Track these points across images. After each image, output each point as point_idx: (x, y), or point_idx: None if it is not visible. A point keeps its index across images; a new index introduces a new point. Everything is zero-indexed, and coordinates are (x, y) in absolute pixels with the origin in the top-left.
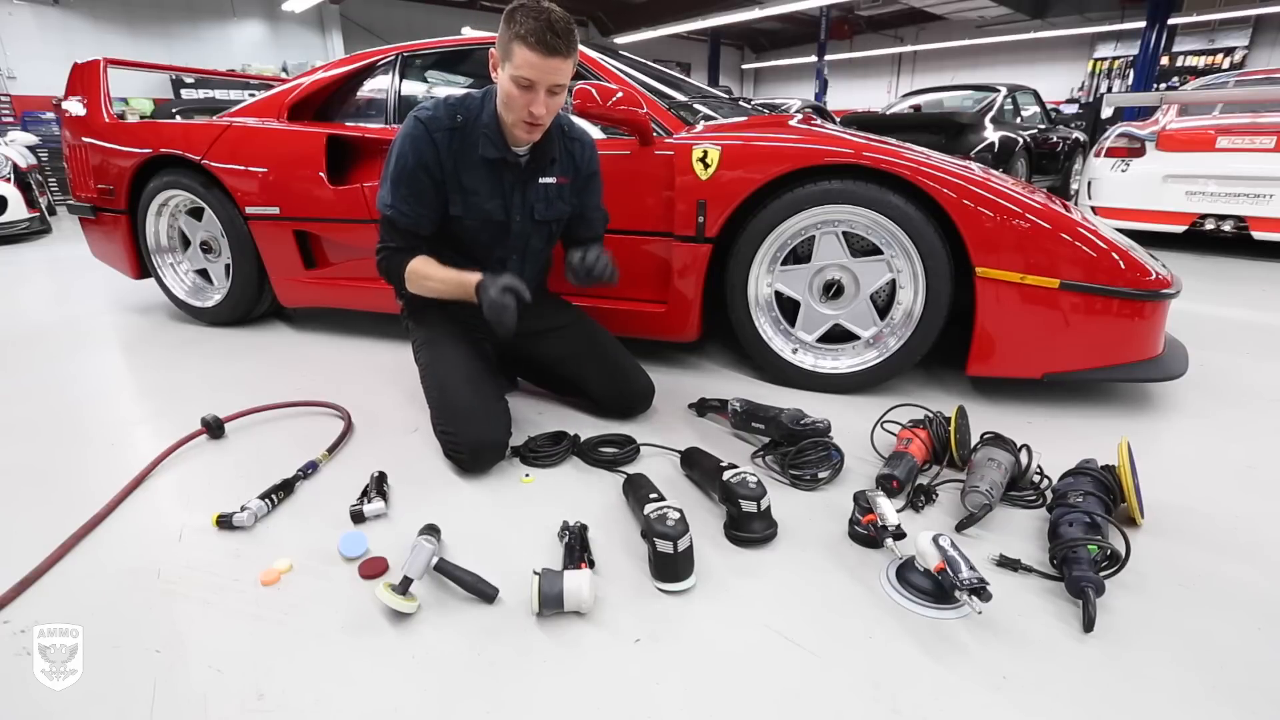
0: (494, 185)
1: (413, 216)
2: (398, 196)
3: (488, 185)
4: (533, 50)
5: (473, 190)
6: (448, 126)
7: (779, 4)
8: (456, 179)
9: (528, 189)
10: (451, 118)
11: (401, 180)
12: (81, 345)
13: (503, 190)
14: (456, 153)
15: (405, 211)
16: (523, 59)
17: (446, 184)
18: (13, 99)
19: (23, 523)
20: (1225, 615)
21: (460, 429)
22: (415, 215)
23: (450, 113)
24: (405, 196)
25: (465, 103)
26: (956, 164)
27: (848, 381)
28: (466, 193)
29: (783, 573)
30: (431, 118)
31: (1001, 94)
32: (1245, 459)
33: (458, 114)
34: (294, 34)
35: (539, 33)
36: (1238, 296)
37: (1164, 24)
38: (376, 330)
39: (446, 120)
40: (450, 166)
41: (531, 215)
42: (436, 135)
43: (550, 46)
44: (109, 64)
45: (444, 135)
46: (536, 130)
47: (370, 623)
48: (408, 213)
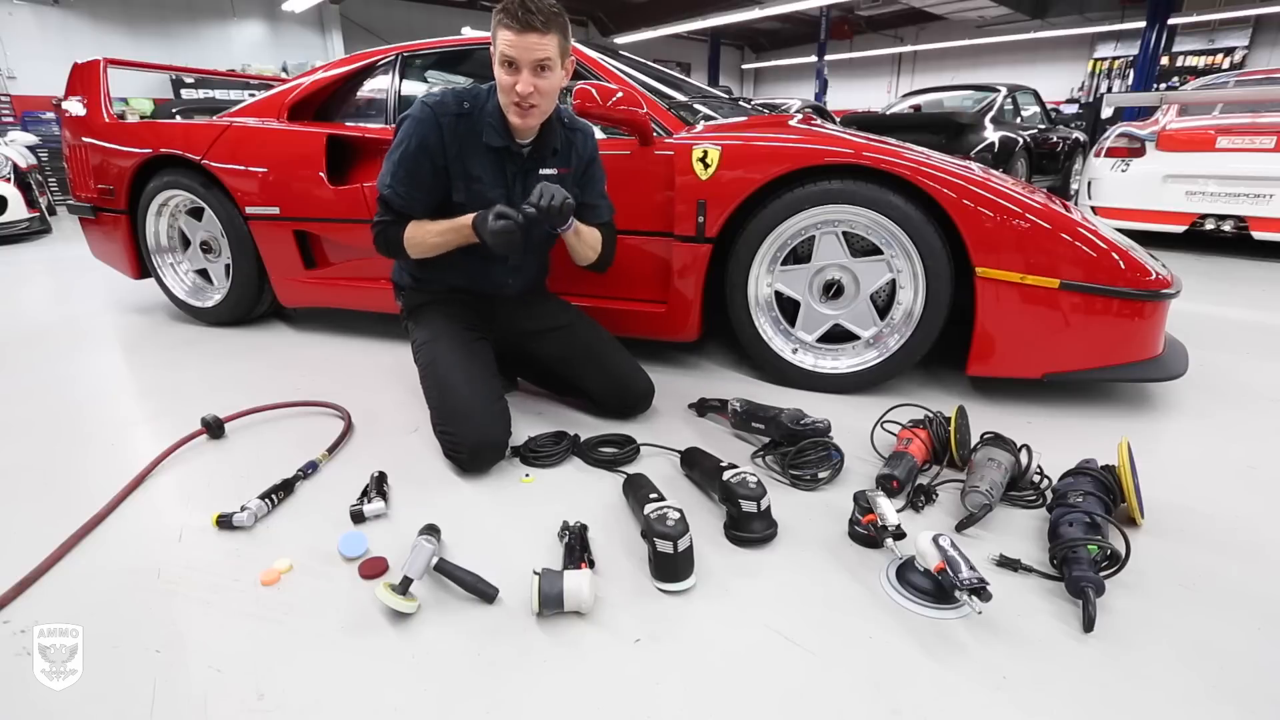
0: (497, 174)
1: (406, 198)
2: (395, 177)
3: (490, 173)
4: (508, 28)
5: (476, 177)
6: (454, 112)
7: (779, 4)
8: (461, 165)
9: (529, 179)
10: (459, 104)
11: (402, 161)
12: (81, 345)
13: (505, 179)
14: (462, 138)
15: (400, 192)
16: (502, 38)
17: (450, 169)
18: (13, 99)
19: (23, 523)
20: (1225, 615)
21: (460, 429)
22: (409, 197)
23: (458, 100)
24: (403, 178)
25: (473, 92)
26: (956, 164)
27: (848, 381)
28: (470, 179)
29: (783, 573)
30: (439, 103)
31: (1001, 94)
32: (1245, 459)
33: (465, 101)
34: (294, 34)
35: (514, 10)
36: (1238, 296)
37: (1164, 24)
38: (376, 330)
39: (454, 106)
40: (455, 152)
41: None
42: (443, 120)
43: (525, 22)
44: (109, 64)
45: (450, 120)
46: (530, 115)
47: (370, 623)
48: (402, 194)
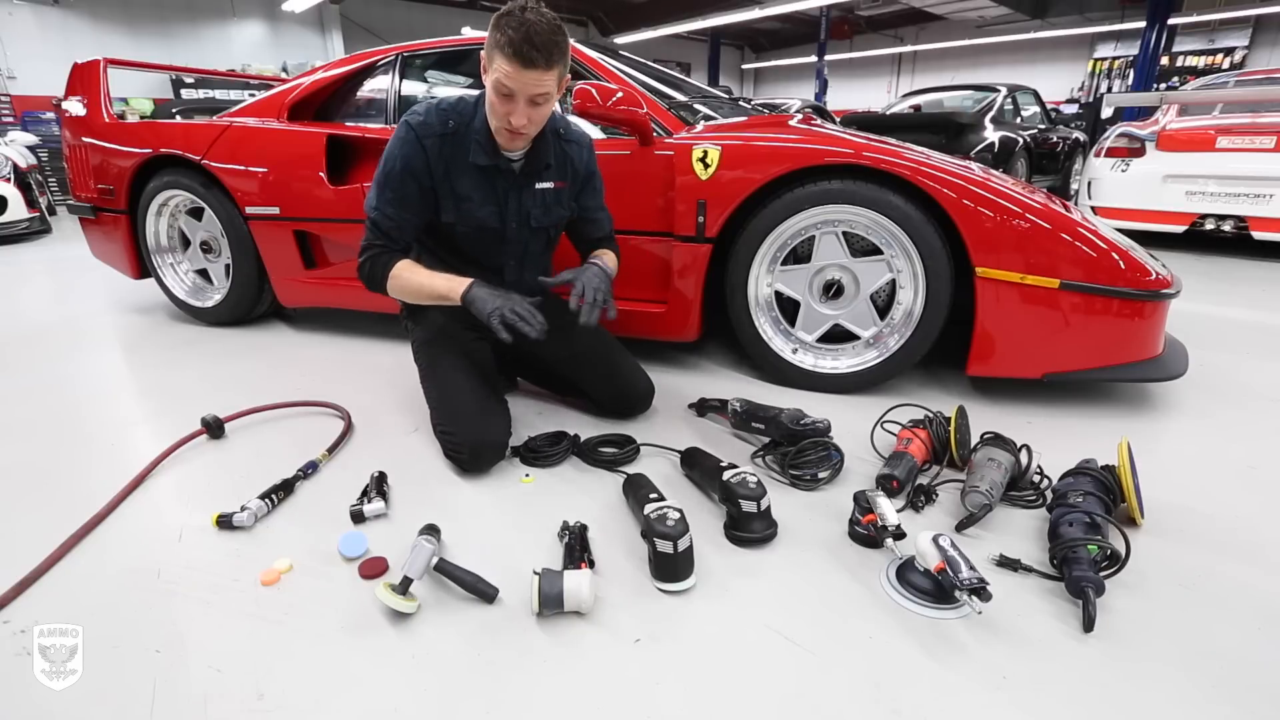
0: (487, 192)
1: (396, 220)
2: (382, 200)
3: (480, 192)
4: (509, 61)
5: (465, 197)
6: (438, 133)
7: (779, 4)
8: (448, 185)
9: (523, 195)
10: (444, 123)
11: (387, 185)
12: (81, 345)
13: (496, 197)
14: (448, 159)
15: (390, 215)
16: (501, 68)
17: (437, 190)
18: (13, 99)
19: (23, 523)
20: (1225, 615)
21: (460, 429)
22: (399, 220)
23: (442, 118)
24: (390, 200)
25: (458, 108)
26: (956, 164)
27: (848, 381)
28: (459, 199)
29: (783, 573)
30: (422, 123)
31: (1001, 94)
32: (1245, 459)
33: (450, 119)
34: (294, 34)
35: (517, 44)
36: (1238, 296)
37: (1164, 24)
38: (376, 330)
39: (438, 126)
40: (441, 173)
41: (528, 222)
42: (427, 142)
43: (528, 59)
44: (109, 64)
45: (434, 142)
46: (519, 139)
47: (370, 623)
48: (392, 216)
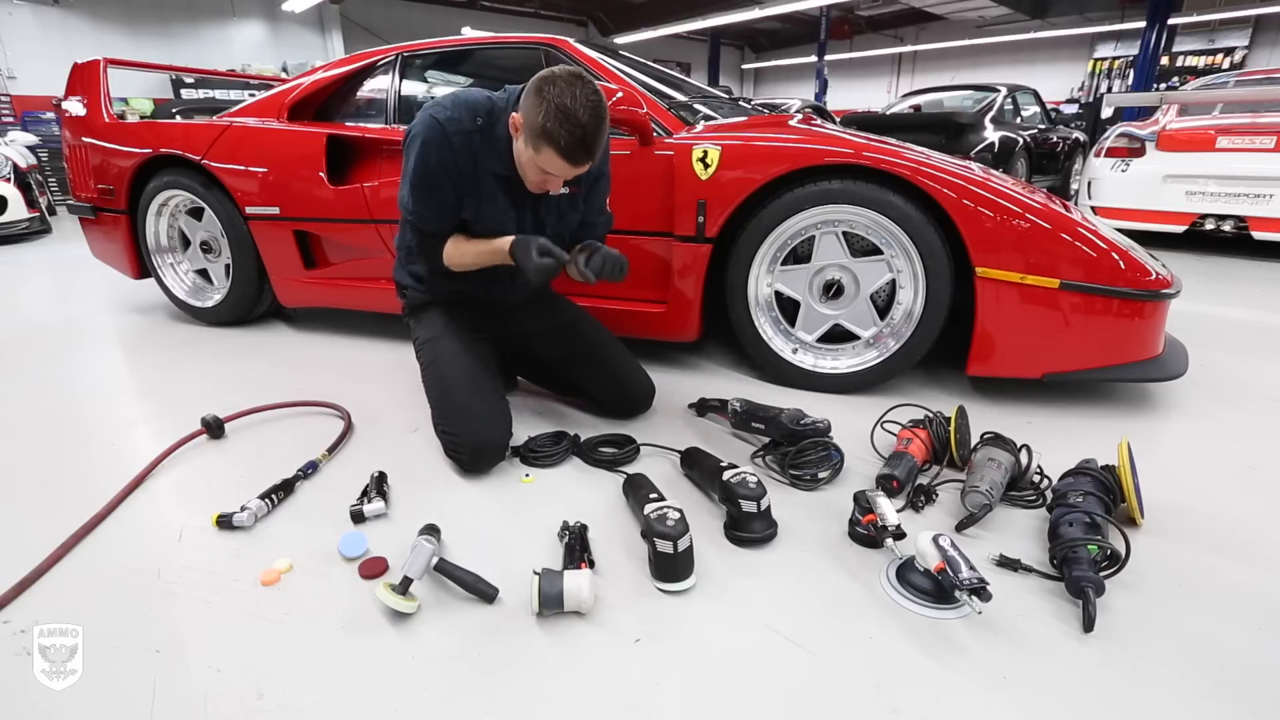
0: (506, 198)
1: (435, 220)
2: (417, 199)
3: (499, 197)
4: (559, 156)
5: (488, 199)
6: (467, 129)
7: (779, 4)
8: (474, 183)
9: (539, 205)
10: (473, 119)
11: (420, 184)
12: (81, 345)
13: (514, 203)
14: (475, 155)
15: (428, 215)
16: (549, 159)
17: (464, 187)
18: (13, 99)
19: (23, 522)
20: (1225, 615)
21: (461, 429)
22: (439, 218)
23: (471, 114)
24: (424, 199)
25: (485, 106)
26: (956, 164)
27: (848, 381)
28: (482, 200)
29: (783, 573)
30: (450, 119)
31: (1001, 94)
32: (1246, 459)
33: (478, 117)
34: (294, 34)
35: (570, 148)
36: (1238, 296)
37: (1164, 24)
38: (376, 330)
39: (468, 123)
40: (468, 170)
41: (543, 229)
42: (455, 139)
43: (578, 160)
44: (109, 64)
45: (462, 139)
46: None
47: (370, 623)
48: (430, 216)
